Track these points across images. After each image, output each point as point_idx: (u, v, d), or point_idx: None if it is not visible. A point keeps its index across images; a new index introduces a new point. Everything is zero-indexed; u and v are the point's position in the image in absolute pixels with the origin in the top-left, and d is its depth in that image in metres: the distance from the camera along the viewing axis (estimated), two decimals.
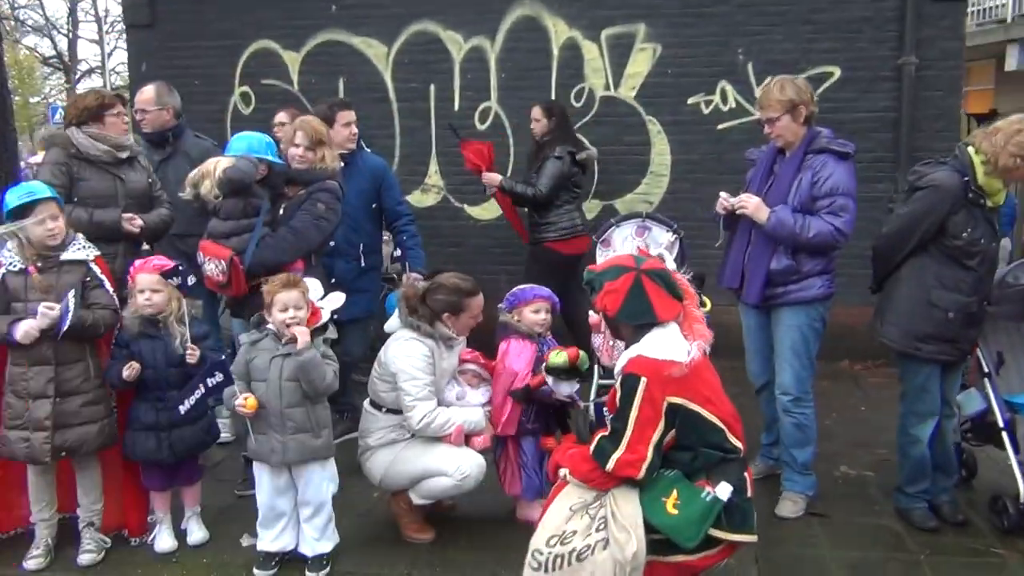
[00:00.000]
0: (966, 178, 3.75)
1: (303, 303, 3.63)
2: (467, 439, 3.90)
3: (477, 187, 7.17)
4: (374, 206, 5.20)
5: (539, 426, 4.05)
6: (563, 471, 3.24)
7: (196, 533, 4.01)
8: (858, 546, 3.89)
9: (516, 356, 4.03)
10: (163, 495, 3.97)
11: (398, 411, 3.89)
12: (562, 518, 3.13)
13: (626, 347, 3.25)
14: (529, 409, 4.04)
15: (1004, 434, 4.01)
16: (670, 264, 4.87)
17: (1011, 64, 12.42)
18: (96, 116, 4.43)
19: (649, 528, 2.99)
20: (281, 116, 5.62)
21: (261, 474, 3.70)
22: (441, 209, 7.26)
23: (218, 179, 4.02)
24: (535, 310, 4.04)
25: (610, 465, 3.01)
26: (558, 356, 3.87)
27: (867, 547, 3.88)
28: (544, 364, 3.91)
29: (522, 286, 4.17)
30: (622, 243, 5.04)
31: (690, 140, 6.95)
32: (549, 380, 3.90)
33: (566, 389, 3.92)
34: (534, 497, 4.12)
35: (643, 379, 3.00)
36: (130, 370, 3.67)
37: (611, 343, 4.29)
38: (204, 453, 4.19)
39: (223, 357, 3.70)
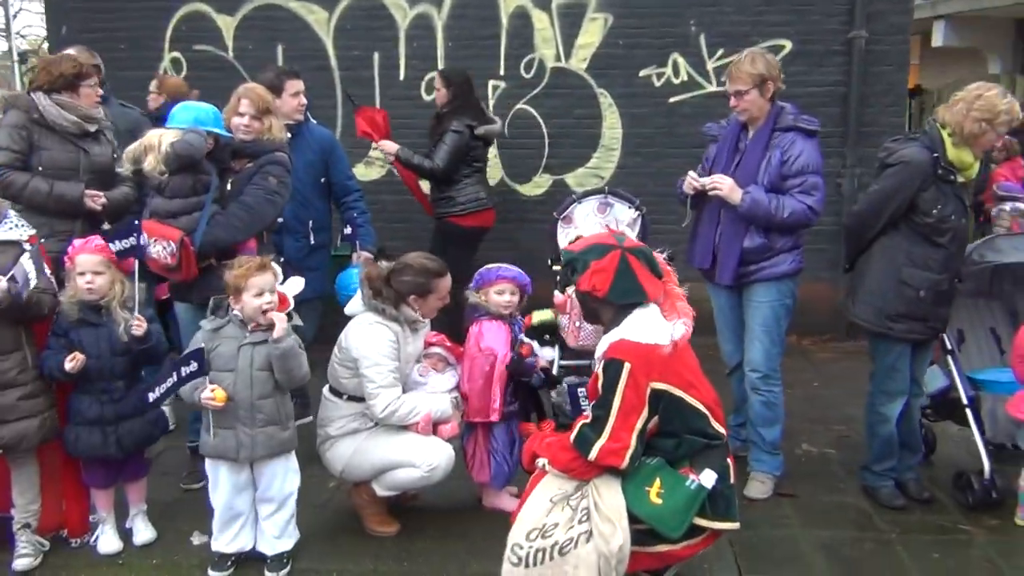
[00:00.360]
0: (935, 154, 3.72)
1: (275, 287, 3.40)
2: (434, 427, 3.73)
3: None
4: (323, 180, 4.96)
5: (516, 409, 3.91)
6: (541, 461, 3.11)
7: (143, 532, 3.76)
8: (828, 525, 3.88)
9: (493, 336, 3.88)
10: (106, 492, 3.70)
11: (360, 398, 3.70)
12: (542, 510, 3.01)
13: (606, 330, 3.13)
14: (507, 390, 3.90)
15: (968, 411, 4.04)
16: None
17: (937, 40, 12.71)
18: (71, 85, 4.14)
19: (632, 518, 2.90)
20: (153, 84, 5.67)
21: (218, 471, 3.46)
22: (387, 183, 7.00)
23: (164, 154, 3.73)
24: (499, 291, 3.90)
25: (593, 454, 2.90)
26: (544, 313, 3.76)
27: (837, 526, 3.87)
28: (528, 326, 3.83)
29: (488, 266, 4.01)
30: (584, 220, 4.89)
31: (641, 113, 6.84)
32: (535, 346, 3.79)
33: (549, 353, 3.85)
34: (503, 484, 4.00)
35: (627, 364, 2.89)
36: (73, 361, 3.38)
37: (577, 324, 4.18)
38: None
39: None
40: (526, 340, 3.89)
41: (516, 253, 6.99)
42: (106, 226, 4.29)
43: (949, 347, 4.15)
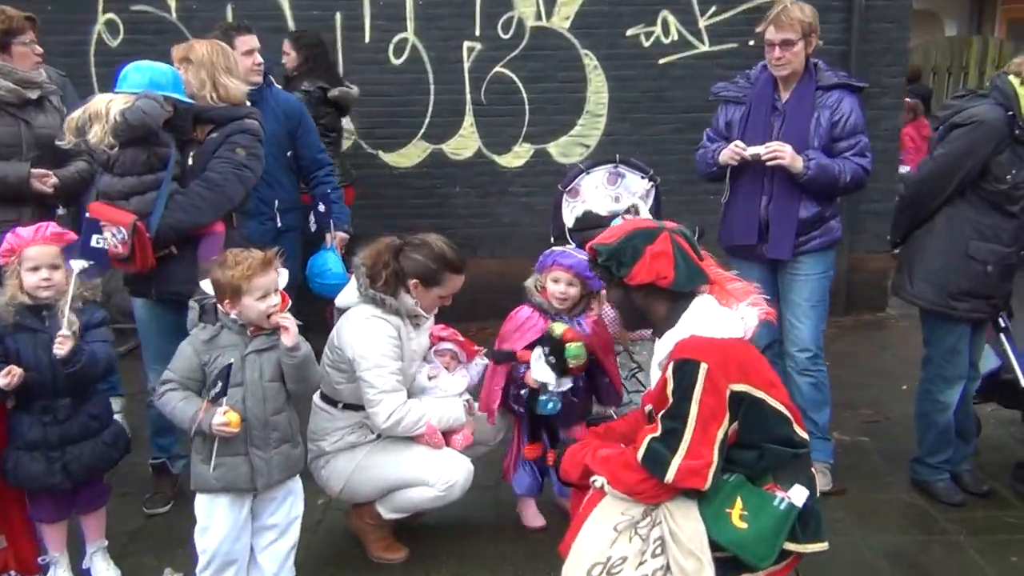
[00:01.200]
0: (1010, 112, 3.31)
1: (279, 286, 2.84)
2: (445, 437, 3.22)
3: (396, 131, 6.40)
4: (289, 154, 4.36)
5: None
6: (599, 480, 2.62)
7: (104, 573, 3.17)
8: (887, 527, 3.49)
9: (516, 326, 3.40)
10: (57, 527, 3.10)
11: (359, 407, 3.17)
12: (605, 540, 2.52)
13: (658, 332, 2.67)
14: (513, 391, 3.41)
15: None
16: (645, 215, 4.38)
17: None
18: (1, 44, 3.49)
19: (712, 546, 2.43)
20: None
21: (216, 509, 2.86)
22: (351, 156, 6.39)
23: (113, 124, 3.10)
24: (554, 279, 3.37)
25: (670, 475, 2.42)
26: (558, 326, 3.24)
27: (898, 528, 3.49)
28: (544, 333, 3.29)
29: (552, 249, 3.49)
30: (592, 192, 4.37)
31: (629, 76, 6.33)
32: (533, 356, 3.26)
33: (541, 375, 3.23)
34: (525, 493, 3.52)
35: (703, 365, 2.42)
36: (9, 377, 2.77)
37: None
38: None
39: (229, 360, 2.81)
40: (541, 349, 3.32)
41: (496, 230, 6.55)
42: (61, 211, 3.66)
43: (1003, 324, 3.77)
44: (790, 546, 2.48)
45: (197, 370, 2.81)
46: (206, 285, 2.85)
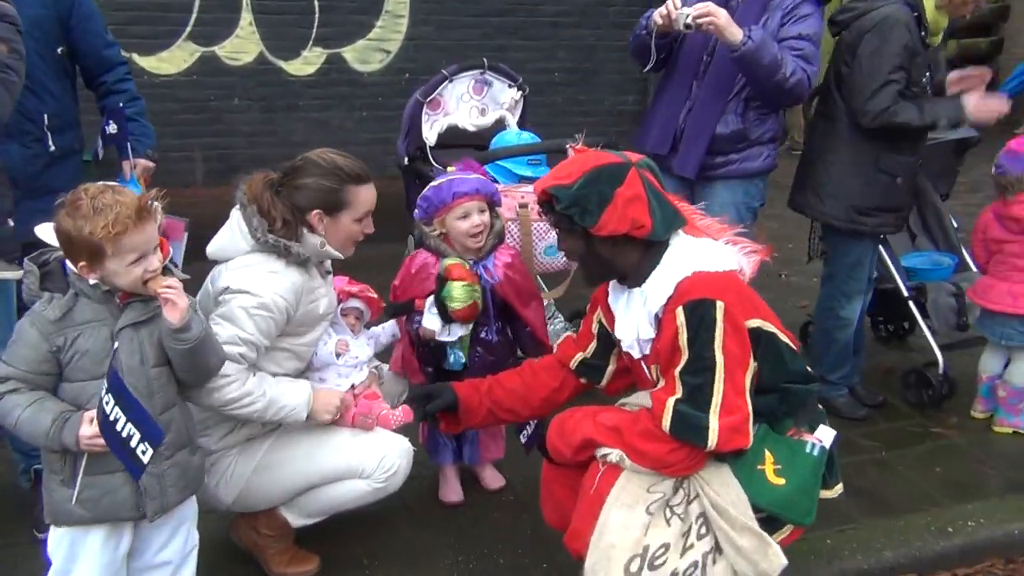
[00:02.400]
0: (916, 13, 3.19)
1: (158, 240, 1.96)
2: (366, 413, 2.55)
3: (153, 29, 5.21)
4: (60, 50, 3.24)
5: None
6: (612, 454, 2.13)
7: None
8: None
9: (412, 276, 2.77)
10: None
11: None
12: (637, 527, 2.08)
13: (628, 279, 2.24)
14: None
15: (912, 304, 3.70)
16: (513, 129, 3.85)
17: None
18: None
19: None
20: None
21: (81, 547, 2.01)
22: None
23: None
24: (462, 214, 2.72)
25: (712, 439, 2.02)
26: (444, 262, 2.68)
27: None
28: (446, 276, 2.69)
29: (434, 183, 2.80)
30: (456, 104, 3.76)
31: None
32: (427, 303, 2.71)
33: (428, 322, 2.70)
34: (443, 461, 3.00)
35: (719, 303, 2.04)
36: None
37: None
38: None
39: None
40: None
41: (285, 150, 5.61)
42: None
43: (882, 236, 3.76)
44: (824, 494, 2.23)
45: (48, 360, 1.93)
46: (45, 233, 1.93)
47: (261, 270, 2.33)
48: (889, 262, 3.73)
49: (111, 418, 1.84)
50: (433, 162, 3.70)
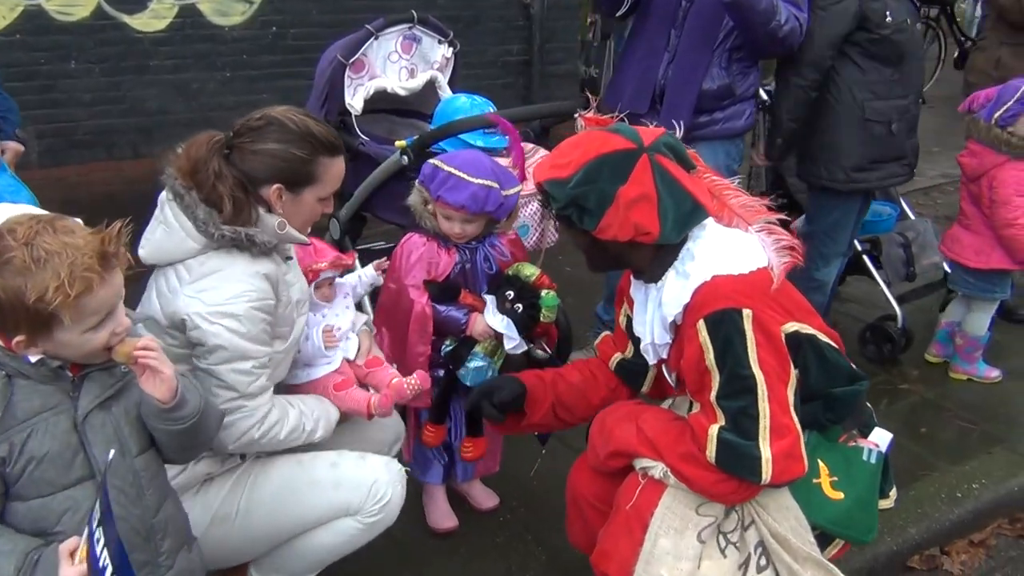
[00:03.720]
0: None
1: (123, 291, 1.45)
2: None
3: None
4: None
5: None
6: (655, 469, 1.86)
7: None
8: None
9: (406, 260, 2.38)
10: None
11: None
12: (690, 556, 1.84)
13: (643, 275, 1.95)
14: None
15: (866, 258, 3.62)
16: (446, 92, 3.42)
17: None
18: None
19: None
20: None
21: None
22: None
23: None
24: (445, 216, 2.35)
25: (767, 473, 1.75)
26: (527, 267, 2.34)
27: None
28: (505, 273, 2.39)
29: (431, 163, 2.36)
30: (383, 63, 3.23)
31: None
32: (490, 305, 2.34)
33: (502, 327, 2.32)
34: (432, 481, 2.65)
35: (746, 312, 1.76)
36: None
37: None
38: None
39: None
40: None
41: (136, 120, 4.83)
42: None
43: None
44: (880, 503, 2.02)
45: None
46: None
47: (227, 277, 1.86)
48: None
49: (98, 554, 1.32)
50: (360, 133, 3.19)
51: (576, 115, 2.11)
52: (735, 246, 1.86)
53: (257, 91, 5.05)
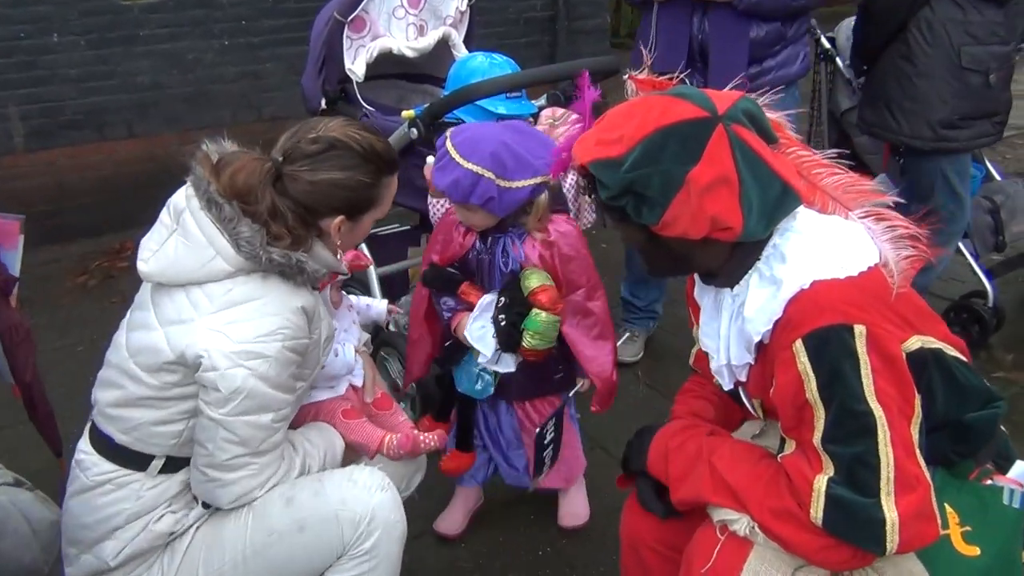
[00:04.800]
0: None
1: None
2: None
3: None
4: None
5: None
6: (738, 523, 1.45)
7: None
8: None
9: (436, 232, 2.16)
10: None
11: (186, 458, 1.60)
12: None
13: (715, 279, 1.54)
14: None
15: None
16: (461, 51, 2.99)
17: None
18: None
19: None
20: None
21: None
22: None
23: None
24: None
25: (892, 541, 1.31)
26: (533, 276, 1.92)
27: None
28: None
29: (449, 143, 1.98)
30: (388, 20, 2.80)
31: None
32: (480, 304, 2.02)
33: (477, 337, 1.99)
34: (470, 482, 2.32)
35: (859, 328, 1.34)
36: None
37: None
38: None
39: None
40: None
41: (128, 96, 4.44)
42: None
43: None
44: None
45: None
46: None
47: (260, 310, 1.52)
48: None
49: None
50: (363, 103, 2.78)
51: (625, 75, 1.69)
52: (837, 240, 1.43)
53: (259, 60, 4.65)
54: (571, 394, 2.10)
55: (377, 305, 2.11)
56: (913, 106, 2.71)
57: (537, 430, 2.06)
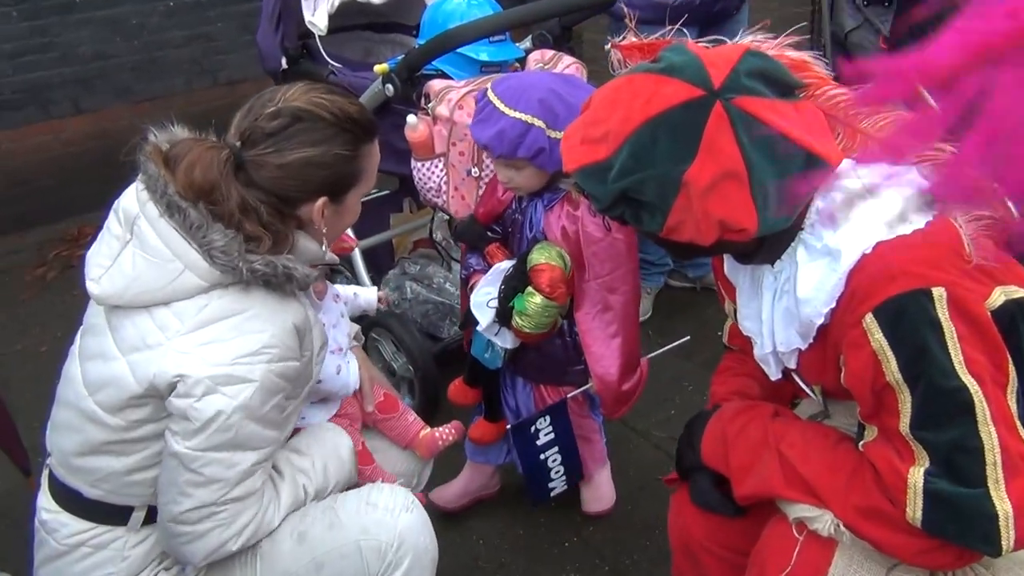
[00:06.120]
0: None
1: None
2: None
3: None
4: None
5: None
6: (816, 518, 1.28)
7: None
8: None
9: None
10: None
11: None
12: None
13: (748, 258, 1.34)
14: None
15: None
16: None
17: None
18: None
19: None
20: None
21: None
22: None
23: None
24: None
25: (1009, 539, 1.11)
26: (540, 252, 1.70)
27: None
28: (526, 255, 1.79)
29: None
30: None
31: None
32: (494, 270, 1.84)
33: (476, 307, 1.82)
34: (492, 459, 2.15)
35: (936, 291, 1.13)
36: None
37: None
38: None
39: None
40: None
41: (71, 70, 4.09)
42: None
43: None
44: None
45: None
46: None
47: (241, 326, 1.27)
48: None
49: None
50: (328, 59, 2.50)
51: (608, 43, 1.45)
52: (892, 192, 1.20)
53: (209, 20, 4.31)
54: (579, 392, 1.89)
55: (365, 294, 1.88)
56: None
57: (512, 425, 1.86)
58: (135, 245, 1.29)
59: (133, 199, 1.30)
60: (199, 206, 1.25)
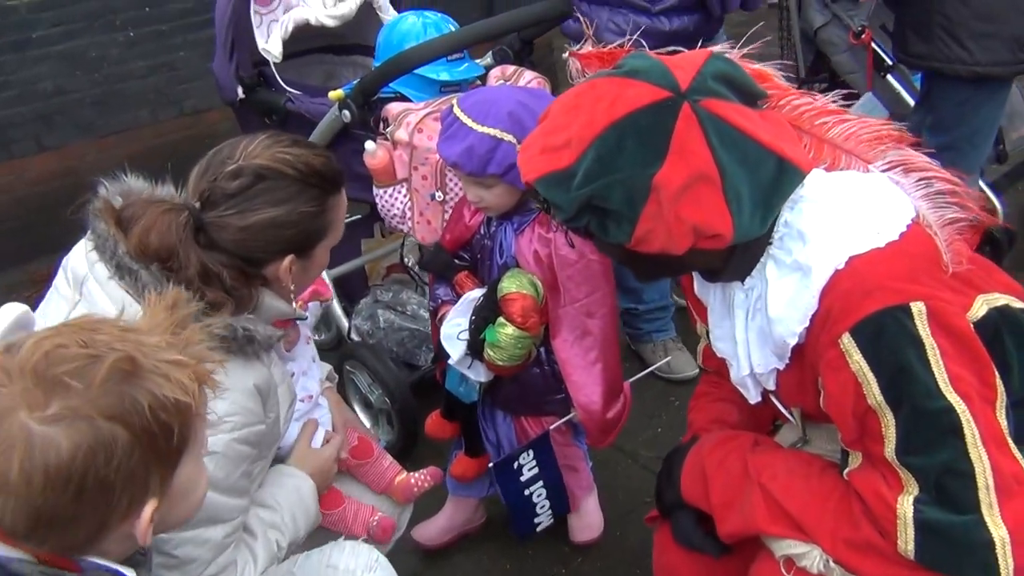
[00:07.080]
0: None
1: None
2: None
3: None
4: None
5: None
6: (804, 555, 1.22)
7: None
8: None
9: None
10: None
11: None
12: None
13: (717, 275, 1.28)
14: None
15: None
16: (389, 14, 2.67)
17: None
18: None
19: None
20: None
21: None
22: None
23: None
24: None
25: (1007, 563, 1.05)
26: (510, 279, 1.61)
27: None
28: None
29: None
30: None
31: None
32: (464, 299, 1.76)
33: (447, 340, 1.73)
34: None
35: (915, 306, 1.07)
36: None
37: None
38: None
39: None
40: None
41: (31, 107, 4.00)
42: None
43: (890, 62, 2.89)
44: None
45: None
46: None
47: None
48: (903, 92, 2.93)
49: None
50: (285, 86, 2.43)
51: (565, 51, 1.40)
52: (864, 202, 1.16)
53: (171, 48, 4.22)
54: (562, 422, 1.81)
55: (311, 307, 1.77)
56: (986, 26, 2.30)
57: (494, 462, 1.78)
58: (84, 307, 1.22)
59: (82, 259, 1.24)
60: (152, 267, 1.18)
